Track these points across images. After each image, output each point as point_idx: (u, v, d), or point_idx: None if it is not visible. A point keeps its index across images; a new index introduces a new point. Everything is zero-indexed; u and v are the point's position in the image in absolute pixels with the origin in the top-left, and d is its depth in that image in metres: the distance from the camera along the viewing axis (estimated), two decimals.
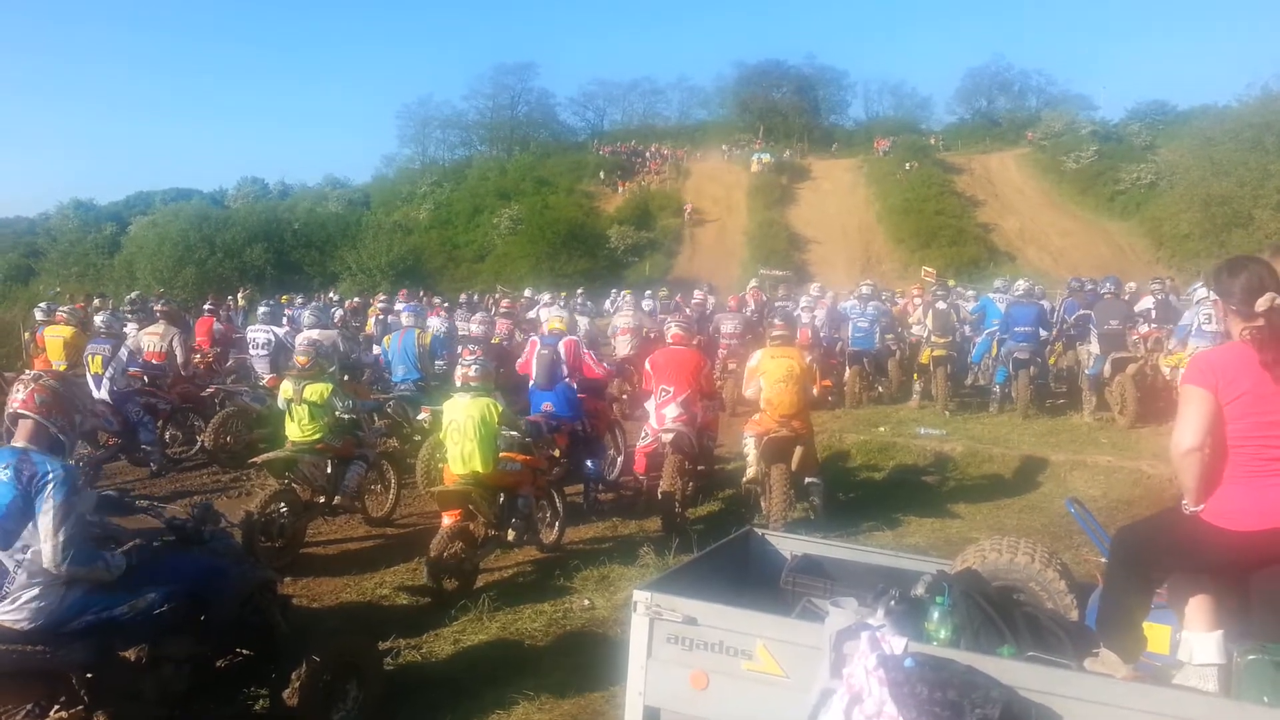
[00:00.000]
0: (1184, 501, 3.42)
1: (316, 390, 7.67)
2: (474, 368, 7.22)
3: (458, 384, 7.28)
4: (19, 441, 3.97)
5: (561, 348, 9.09)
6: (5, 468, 3.83)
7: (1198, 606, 3.41)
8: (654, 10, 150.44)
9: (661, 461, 8.61)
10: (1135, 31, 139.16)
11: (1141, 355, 12.81)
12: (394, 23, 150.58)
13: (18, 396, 4.01)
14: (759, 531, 4.83)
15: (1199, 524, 3.34)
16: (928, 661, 2.94)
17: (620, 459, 10.19)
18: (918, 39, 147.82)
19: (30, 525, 3.81)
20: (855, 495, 9.82)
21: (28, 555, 3.78)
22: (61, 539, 3.77)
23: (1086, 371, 13.30)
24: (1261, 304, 3.23)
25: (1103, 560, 4.04)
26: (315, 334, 9.62)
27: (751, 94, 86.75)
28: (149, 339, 11.53)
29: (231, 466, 10.41)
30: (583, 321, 15.23)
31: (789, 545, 4.64)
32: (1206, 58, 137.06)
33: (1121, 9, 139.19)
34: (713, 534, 8.07)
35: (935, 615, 3.64)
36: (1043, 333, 14.09)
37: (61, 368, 10.98)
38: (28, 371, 4.17)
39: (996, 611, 3.73)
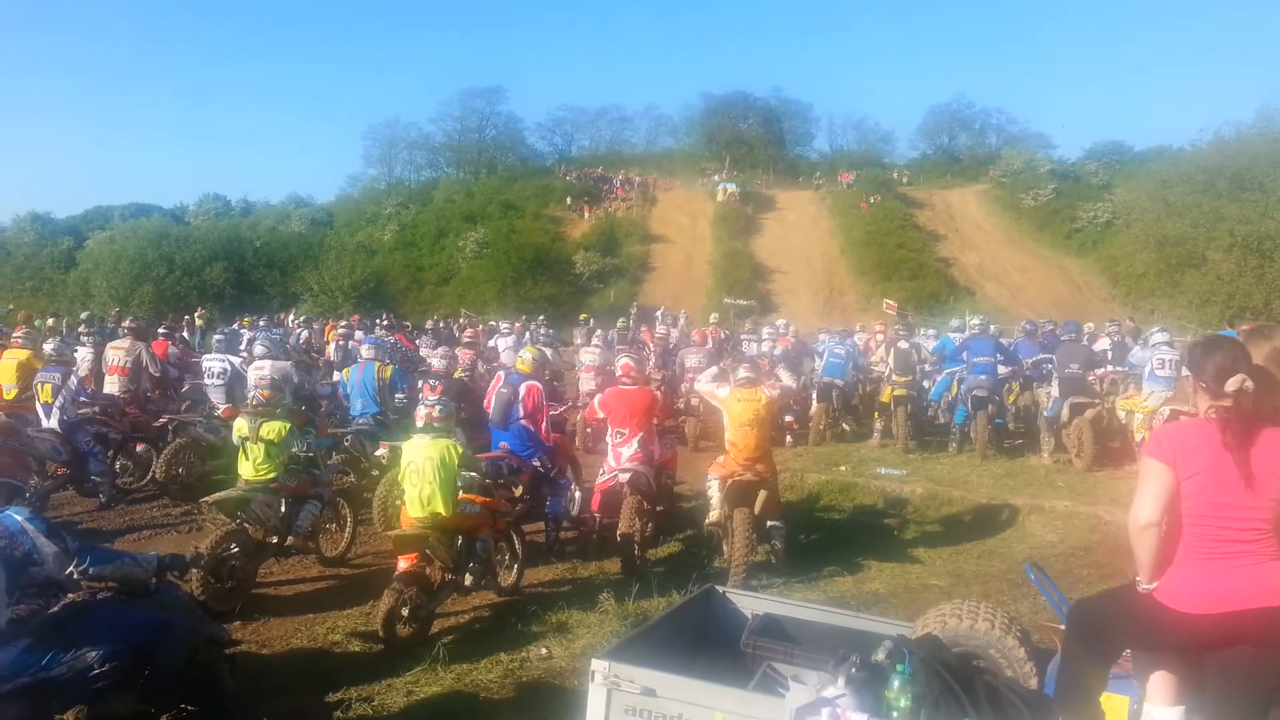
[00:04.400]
0: (1137, 578, 3.43)
1: (273, 429, 7.52)
2: (436, 408, 7.12)
3: (419, 424, 7.17)
4: None
5: (522, 389, 8.98)
6: None
7: (1160, 680, 3.42)
8: (623, 40, 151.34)
9: (618, 501, 8.52)
10: (1092, 73, 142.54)
11: (1099, 400, 12.98)
12: (362, 43, 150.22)
13: None
14: (720, 590, 4.78)
15: (1151, 604, 3.35)
16: None
17: (579, 494, 10.09)
18: (881, 76, 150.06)
19: None
20: (816, 537, 9.81)
21: None
22: (71, 548, 4.02)
23: (1045, 413, 13.47)
24: (1231, 384, 3.26)
25: (1062, 627, 4.04)
26: (267, 367, 9.45)
27: (718, 124, 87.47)
28: (115, 353, 11.61)
29: (183, 499, 10.17)
30: (546, 352, 15.16)
31: (750, 604, 4.60)
32: (1162, 101, 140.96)
33: (1079, 52, 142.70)
34: (674, 576, 8.02)
35: (895, 684, 3.61)
36: (1001, 369, 14.26)
37: (12, 394, 10.74)
38: None
39: (956, 680, 3.71)
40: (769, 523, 8.23)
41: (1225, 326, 22.24)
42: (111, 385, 11.42)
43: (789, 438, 14.37)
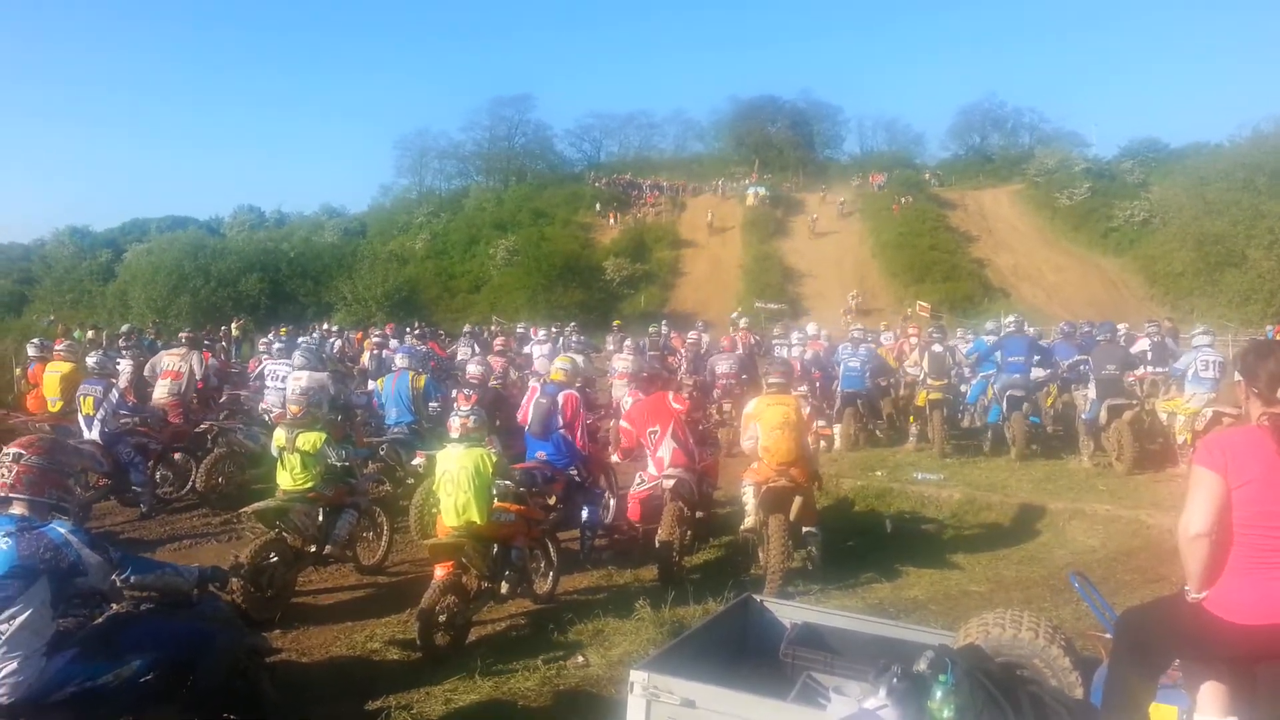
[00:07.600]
0: (1186, 587, 3.36)
1: (309, 439, 7.58)
2: (470, 418, 7.15)
3: (453, 434, 7.19)
4: (17, 510, 3.94)
5: (561, 399, 9.00)
6: (5, 536, 3.79)
7: (1210, 690, 3.35)
8: (651, 45, 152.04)
9: (658, 509, 8.50)
10: (1126, 70, 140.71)
11: (1138, 401, 12.78)
12: (393, 54, 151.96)
13: (4, 478, 3.98)
14: (757, 599, 4.74)
15: (1201, 614, 3.28)
16: None
17: (614, 502, 10.07)
18: (911, 76, 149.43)
19: (22, 596, 3.74)
20: (853, 544, 9.72)
21: (11, 627, 3.71)
22: (113, 558, 4.02)
23: (1083, 416, 13.28)
24: None
25: (1107, 636, 3.97)
26: (304, 378, 9.55)
27: (747, 128, 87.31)
28: (170, 359, 12.03)
29: (223, 508, 10.29)
30: (578, 360, 15.19)
31: (788, 613, 4.56)
32: (1199, 96, 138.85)
33: (1112, 48, 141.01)
34: (709, 583, 7.97)
35: (938, 694, 3.57)
36: (1037, 370, 14.06)
37: (57, 405, 10.93)
38: (7, 450, 4.11)
39: (1000, 690, 3.66)
40: (805, 529, 8.16)
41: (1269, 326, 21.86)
42: (162, 389, 11.68)
43: (822, 443, 14.27)
